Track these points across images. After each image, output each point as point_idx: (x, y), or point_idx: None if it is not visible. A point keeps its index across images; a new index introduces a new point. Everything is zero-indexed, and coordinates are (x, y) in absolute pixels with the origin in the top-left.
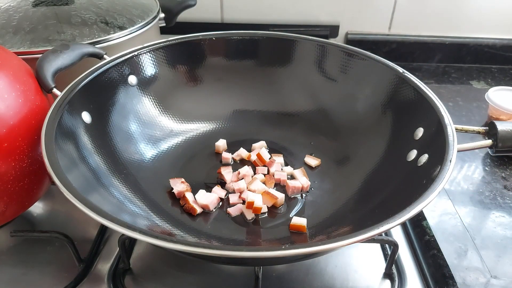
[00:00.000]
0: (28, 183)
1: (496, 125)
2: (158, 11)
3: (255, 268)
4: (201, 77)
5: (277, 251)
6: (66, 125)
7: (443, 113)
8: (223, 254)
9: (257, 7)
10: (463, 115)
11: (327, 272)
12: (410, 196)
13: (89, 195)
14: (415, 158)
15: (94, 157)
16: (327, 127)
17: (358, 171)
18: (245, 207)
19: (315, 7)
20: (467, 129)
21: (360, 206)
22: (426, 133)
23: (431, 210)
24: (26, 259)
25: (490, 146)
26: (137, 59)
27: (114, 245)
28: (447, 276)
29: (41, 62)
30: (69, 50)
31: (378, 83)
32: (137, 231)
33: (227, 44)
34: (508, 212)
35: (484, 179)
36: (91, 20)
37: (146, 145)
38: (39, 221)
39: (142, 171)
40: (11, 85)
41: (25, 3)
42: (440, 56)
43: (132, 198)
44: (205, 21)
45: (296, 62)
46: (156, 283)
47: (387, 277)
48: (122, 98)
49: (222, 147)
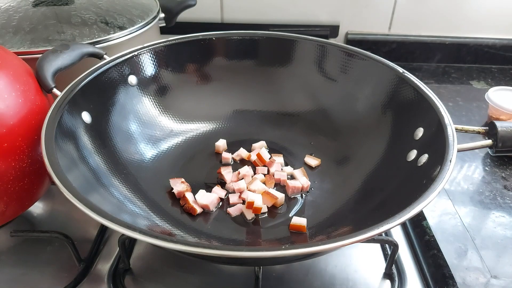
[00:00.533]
0: (28, 183)
1: (496, 125)
2: (158, 11)
3: (255, 268)
4: (201, 77)
5: (277, 251)
6: (66, 125)
7: (443, 113)
8: (223, 254)
9: (257, 7)
10: (463, 115)
11: (327, 272)
12: (410, 196)
13: (89, 195)
14: (415, 158)
15: (94, 157)
16: (327, 127)
17: (358, 171)
18: (245, 207)
19: (315, 7)
20: (467, 129)
21: (360, 206)
22: (426, 133)
23: (431, 210)
24: (26, 259)
25: (490, 146)
26: (137, 59)
27: (114, 245)
28: (447, 276)
29: (41, 62)
30: (69, 50)
31: (378, 83)
32: (137, 231)
33: (227, 44)
34: (508, 212)
35: (484, 179)
36: (91, 20)
37: (146, 145)
38: (39, 221)
39: (142, 171)
40: (11, 85)
41: (25, 3)
42: (440, 56)
43: (132, 198)
44: (205, 21)
45: (296, 62)
46: (156, 283)
47: (387, 277)
48: (122, 98)
49: (222, 147)
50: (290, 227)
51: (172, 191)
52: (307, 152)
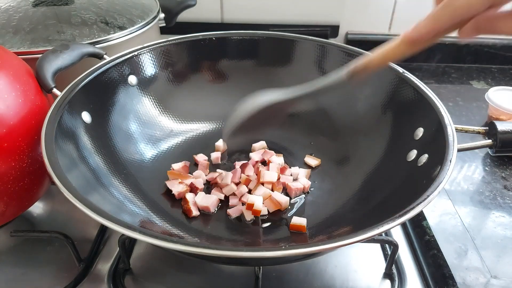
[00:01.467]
0: (28, 183)
1: (496, 125)
2: (158, 11)
3: (255, 268)
4: (200, 77)
5: (277, 251)
6: (66, 125)
7: (443, 113)
8: (223, 254)
9: (257, 7)
10: (463, 115)
11: (327, 272)
12: (410, 196)
13: (89, 195)
14: (415, 158)
15: (94, 157)
16: (327, 127)
17: (358, 171)
18: (245, 208)
19: (315, 7)
20: (467, 129)
21: (360, 206)
22: (426, 133)
23: (431, 210)
24: (26, 259)
25: (490, 146)
26: (137, 59)
27: (114, 245)
28: (447, 276)
29: (41, 62)
30: (69, 50)
31: (378, 83)
32: (137, 231)
33: (227, 44)
34: (508, 212)
35: (484, 179)
36: (91, 20)
37: (146, 145)
38: (39, 221)
39: (142, 171)
40: (11, 85)
41: (25, 3)
42: (440, 56)
43: (132, 198)
44: (205, 21)
45: (296, 62)
46: (156, 283)
47: (387, 277)
48: (122, 98)
49: (222, 147)
50: (290, 227)
51: (172, 193)
52: (307, 152)
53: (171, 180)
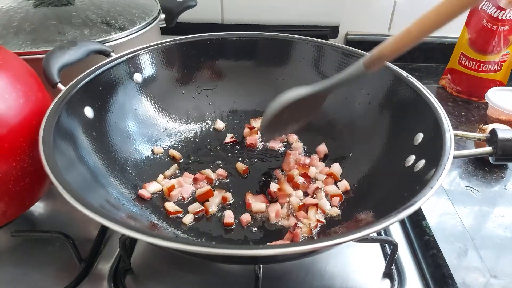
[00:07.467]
0: (29, 183)
1: (497, 133)
2: (158, 12)
3: (255, 267)
4: (200, 77)
5: (276, 249)
6: (64, 124)
7: (443, 118)
8: (223, 252)
9: (257, 8)
10: (463, 115)
11: (327, 272)
12: (401, 200)
13: (88, 195)
14: (412, 164)
15: (93, 157)
16: (325, 127)
17: (354, 172)
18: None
19: (315, 8)
20: (467, 135)
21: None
22: (425, 138)
23: (430, 210)
24: (27, 259)
25: (491, 153)
26: (137, 59)
27: (114, 245)
28: (446, 276)
29: (48, 57)
30: (76, 47)
31: (376, 84)
32: (137, 231)
33: (226, 44)
34: (508, 212)
35: (484, 179)
36: (92, 21)
37: (145, 145)
38: (40, 221)
39: (141, 170)
40: (12, 85)
41: (26, 4)
42: (440, 56)
43: (131, 197)
44: (206, 22)
45: (294, 63)
46: (157, 283)
47: (387, 277)
48: (122, 97)
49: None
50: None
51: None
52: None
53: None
